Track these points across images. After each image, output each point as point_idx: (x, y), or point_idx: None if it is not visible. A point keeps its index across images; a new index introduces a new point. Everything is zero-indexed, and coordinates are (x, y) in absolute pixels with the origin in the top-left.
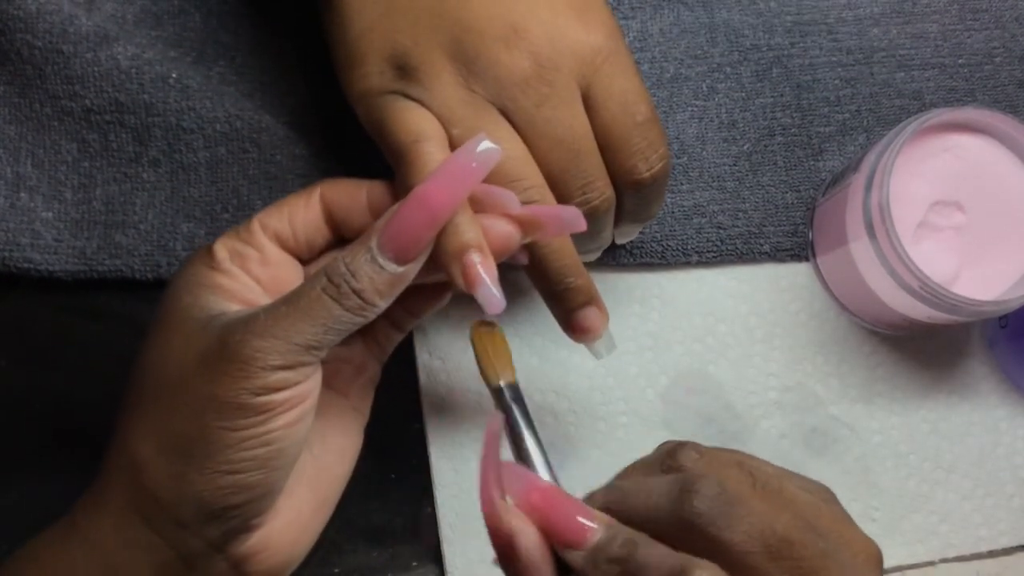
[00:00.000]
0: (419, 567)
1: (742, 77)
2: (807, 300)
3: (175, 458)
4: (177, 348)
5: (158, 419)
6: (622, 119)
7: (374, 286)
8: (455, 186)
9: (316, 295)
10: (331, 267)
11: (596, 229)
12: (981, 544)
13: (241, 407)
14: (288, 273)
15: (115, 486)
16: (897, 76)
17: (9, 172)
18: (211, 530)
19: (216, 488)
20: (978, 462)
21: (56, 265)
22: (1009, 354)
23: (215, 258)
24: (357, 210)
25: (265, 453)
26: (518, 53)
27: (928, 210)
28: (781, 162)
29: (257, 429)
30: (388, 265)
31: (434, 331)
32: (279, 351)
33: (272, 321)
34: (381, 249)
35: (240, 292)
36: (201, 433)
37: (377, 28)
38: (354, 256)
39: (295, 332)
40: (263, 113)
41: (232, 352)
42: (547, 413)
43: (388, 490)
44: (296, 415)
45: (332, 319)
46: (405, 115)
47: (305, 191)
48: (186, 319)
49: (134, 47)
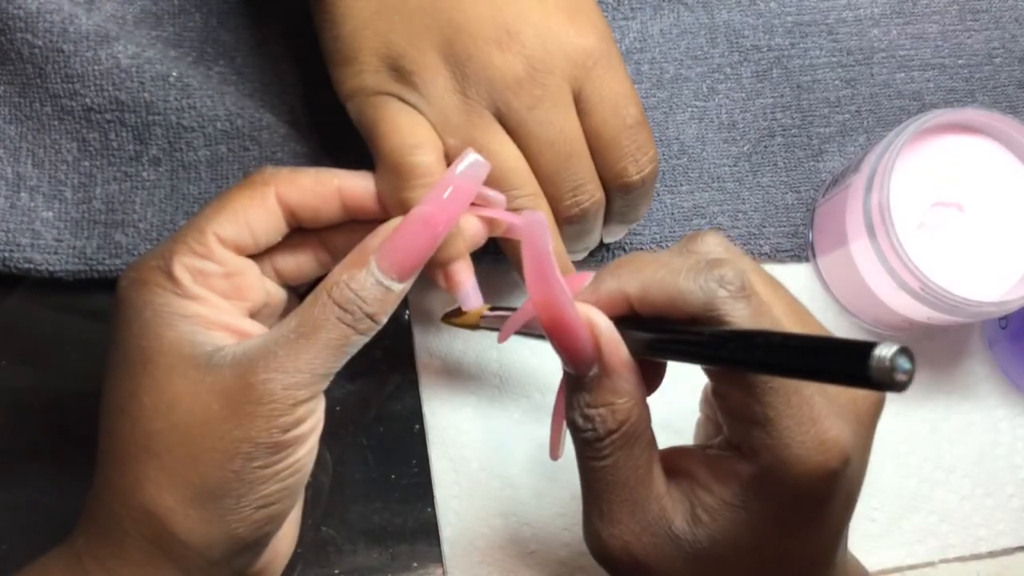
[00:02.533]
0: (419, 567)
1: (742, 78)
2: (807, 301)
3: (206, 503)
4: (184, 393)
5: (179, 468)
6: (613, 122)
7: (383, 308)
8: (453, 206)
9: (332, 324)
10: (338, 294)
11: (585, 229)
12: (981, 544)
13: (273, 446)
14: (248, 278)
15: (130, 537)
16: (897, 77)
17: (9, 172)
18: (240, 561)
19: (252, 523)
20: (978, 462)
21: (56, 265)
22: (1009, 354)
23: (179, 283)
24: (326, 206)
25: (295, 480)
26: (511, 56)
27: (928, 211)
28: (781, 163)
29: (288, 461)
30: (393, 285)
31: (434, 331)
32: (305, 384)
33: (293, 355)
34: (384, 270)
35: (215, 317)
36: (236, 475)
37: (370, 26)
38: (359, 281)
39: (318, 364)
40: (264, 111)
41: (260, 393)
42: (547, 413)
43: (388, 490)
44: (316, 438)
45: (349, 344)
46: (401, 120)
47: (256, 191)
48: (180, 358)
49: (134, 46)
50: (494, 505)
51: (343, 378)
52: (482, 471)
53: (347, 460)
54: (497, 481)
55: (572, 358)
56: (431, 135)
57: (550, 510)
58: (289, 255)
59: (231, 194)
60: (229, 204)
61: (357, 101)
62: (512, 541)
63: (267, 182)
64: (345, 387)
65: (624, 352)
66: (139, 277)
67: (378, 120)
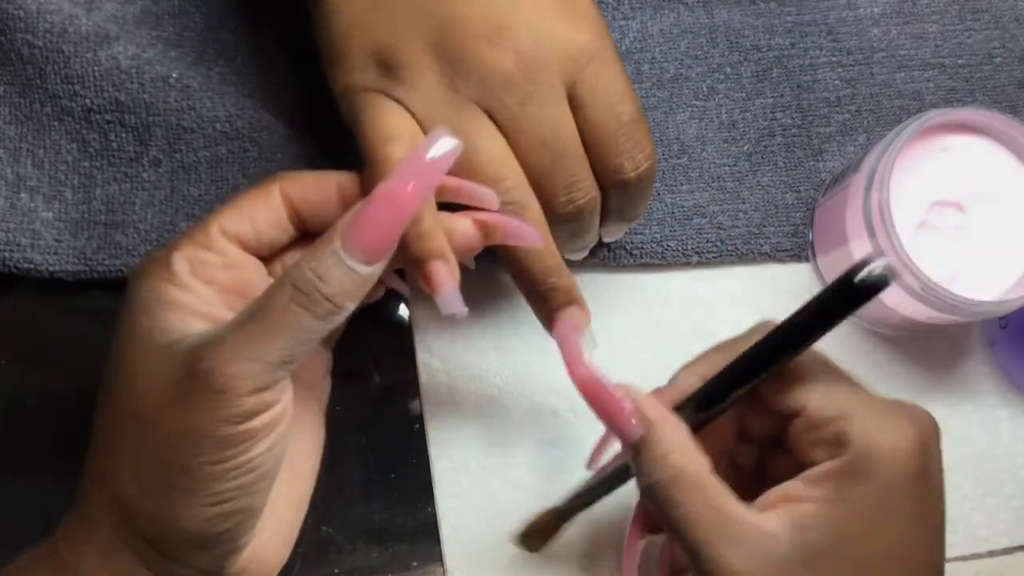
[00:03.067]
0: (419, 567)
1: (742, 77)
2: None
3: (158, 494)
4: (144, 377)
5: (135, 455)
6: (608, 119)
7: (344, 289)
8: (417, 181)
9: (284, 306)
10: (296, 274)
11: (582, 228)
12: (980, 545)
13: (222, 440)
14: (251, 274)
15: (100, 521)
16: (897, 76)
17: (9, 172)
18: (202, 559)
19: (203, 520)
20: (978, 462)
21: (56, 265)
22: (1009, 354)
23: (173, 271)
24: (327, 205)
25: (249, 480)
26: (501, 52)
27: (928, 210)
28: (781, 162)
29: (240, 459)
30: (357, 266)
31: (434, 331)
32: (253, 373)
33: (241, 342)
34: (348, 250)
35: (200, 307)
36: (182, 469)
37: (361, 23)
38: (319, 260)
39: (267, 350)
40: (263, 112)
41: (203, 382)
42: (547, 413)
43: (388, 490)
44: (277, 435)
45: (304, 329)
46: (382, 116)
47: (262, 188)
48: (147, 343)
49: (134, 47)
50: (494, 505)
51: (343, 378)
52: (482, 471)
53: (347, 460)
54: (497, 481)
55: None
56: (410, 129)
57: None
58: (298, 258)
59: (241, 194)
60: (236, 201)
61: (347, 99)
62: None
63: (274, 180)
64: (345, 387)
65: (663, 409)
66: (141, 267)
67: (361, 116)
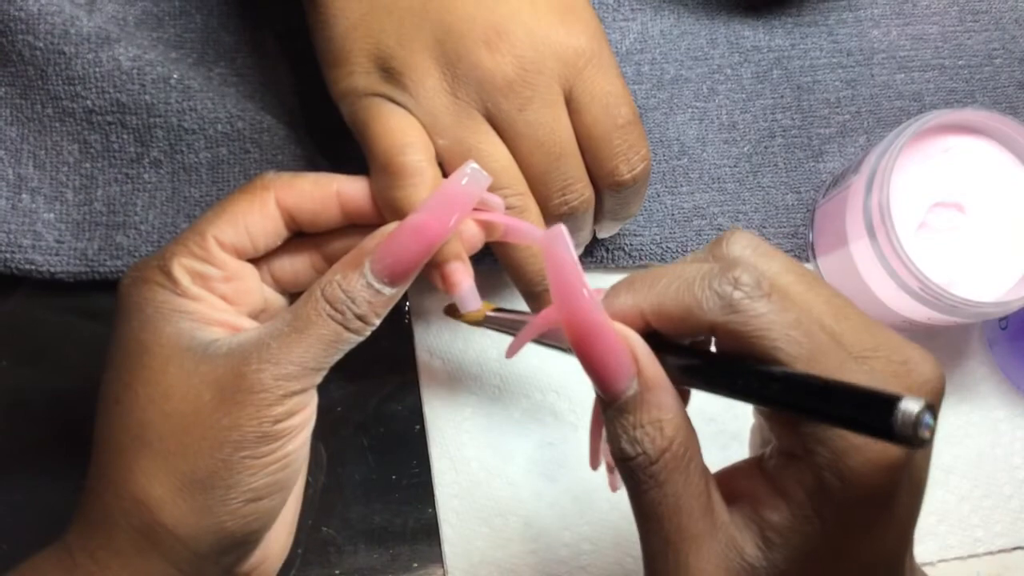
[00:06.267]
0: (419, 567)
1: (742, 79)
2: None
3: (195, 493)
4: (178, 382)
5: (169, 457)
6: (604, 121)
7: (373, 308)
8: (448, 216)
9: (323, 321)
10: (329, 292)
11: (575, 227)
12: (978, 545)
13: (264, 435)
14: (249, 283)
15: (118, 526)
16: (897, 78)
17: (11, 173)
18: (228, 558)
19: (240, 517)
20: (976, 463)
21: (58, 266)
22: (1009, 355)
23: (178, 284)
24: (325, 210)
25: (285, 475)
26: (500, 56)
27: (928, 211)
28: (781, 164)
29: (278, 454)
30: (384, 289)
31: (434, 331)
32: (296, 377)
33: (286, 348)
34: (377, 275)
35: (213, 315)
36: (224, 465)
37: (361, 27)
38: (349, 280)
39: (308, 357)
40: (264, 114)
41: (252, 382)
42: (547, 413)
43: (388, 490)
44: (306, 434)
45: (340, 341)
46: (391, 121)
47: (256, 196)
48: (177, 350)
49: (136, 48)
50: (494, 505)
51: (343, 378)
52: (482, 471)
53: (347, 460)
54: (497, 481)
55: (607, 375)
56: (421, 135)
57: (550, 510)
58: (286, 260)
59: (231, 199)
60: (229, 209)
61: (349, 102)
62: (512, 541)
63: (267, 187)
64: (345, 387)
65: (659, 366)
66: (140, 276)
67: (369, 121)
